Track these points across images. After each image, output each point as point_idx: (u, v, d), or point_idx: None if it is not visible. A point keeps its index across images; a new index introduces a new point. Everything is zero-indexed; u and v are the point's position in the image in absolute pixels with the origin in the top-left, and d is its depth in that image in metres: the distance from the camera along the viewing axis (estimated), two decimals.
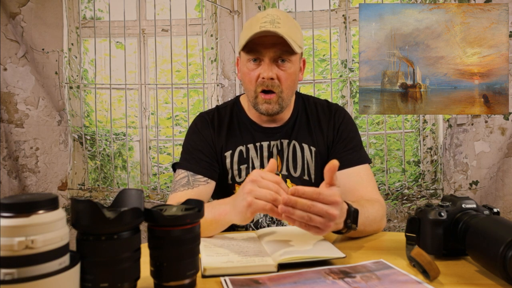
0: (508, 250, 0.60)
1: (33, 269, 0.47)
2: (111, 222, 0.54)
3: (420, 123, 2.28)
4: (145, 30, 2.39)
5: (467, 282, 0.67)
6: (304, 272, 0.70)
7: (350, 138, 1.17)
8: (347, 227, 0.82)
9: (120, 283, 0.55)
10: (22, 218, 0.47)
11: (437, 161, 2.25)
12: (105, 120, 2.39)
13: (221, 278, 0.68)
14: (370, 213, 0.93)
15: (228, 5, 2.34)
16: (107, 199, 2.36)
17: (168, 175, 2.38)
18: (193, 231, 0.62)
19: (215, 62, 2.36)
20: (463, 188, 2.22)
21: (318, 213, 0.73)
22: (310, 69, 2.31)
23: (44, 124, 2.35)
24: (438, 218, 0.75)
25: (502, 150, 2.18)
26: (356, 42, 2.25)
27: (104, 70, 2.39)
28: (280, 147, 1.17)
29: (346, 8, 2.30)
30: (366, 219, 0.91)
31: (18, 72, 2.32)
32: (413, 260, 0.71)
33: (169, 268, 0.60)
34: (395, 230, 2.25)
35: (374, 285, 0.64)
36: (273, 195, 0.76)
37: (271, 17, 1.03)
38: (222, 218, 0.89)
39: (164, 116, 2.40)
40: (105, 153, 2.38)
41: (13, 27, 2.30)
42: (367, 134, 2.29)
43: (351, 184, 1.10)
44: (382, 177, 2.27)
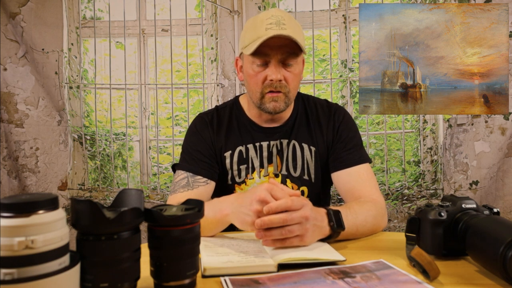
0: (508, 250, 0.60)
1: (33, 269, 0.47)
2: (111, 222, 0.54)
3: (420, 123, 2.28)
4: (145, 30, 2.39)
5: (467, 282, 0.67)
6: (304, 272, 0.70)
7: (350, 137, 1.17)
8: (333, 230, 0.84)
9: (120, 283, 0.55)
10: (22, 218, 0.47)
11: (437, 161, 2.25)
12: (105, 120, 2.39)
13: (221, 278, 0.68)
14: (358, 213, 0.93)
15: (228, 5, 2.34)
16: (107, 199, 2.36)
17: (168, 175, 2.38)
18: (193, 231, 0.62)
19: (215, 62, 2.36)
20: (463, 188, 2.22)
21: (295, 222, 0.77)
22: (310, 69, 2.31)
23: (44, 124, 2.35)
24: (438, 218, 0.75)
25: (502, 150, 2.18)
26: (356, 42, 2.25)
27: (104, 70, 2.39)
28: (280, 147, 1.17)
29: (346, 8, 2.30)
30: (355, 219, 0.91)
31: (18, 72, 2.32)
32: (413, 260, 0.71)
33: (169, 268, 0.60)
34: (395, 230, 2.25)
35: (374, 285, 0.64)
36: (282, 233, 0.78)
37: (276, 18, 1.02)
38: (222, 219, 0.89)
39: (164, 116, 2.40)
40: (105, 153, 2.38)
41: (13, 27, 2.31)
42: (367, 134, 2.29)
43: (351, 183, 1.10)
44: (382, 177, 2.27)
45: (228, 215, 0.87)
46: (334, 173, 1.15)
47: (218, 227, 0.93)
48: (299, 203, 0.78)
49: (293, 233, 0.77)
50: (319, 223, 0.82)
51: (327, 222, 0.83)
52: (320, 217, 0.82)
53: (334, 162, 1.15)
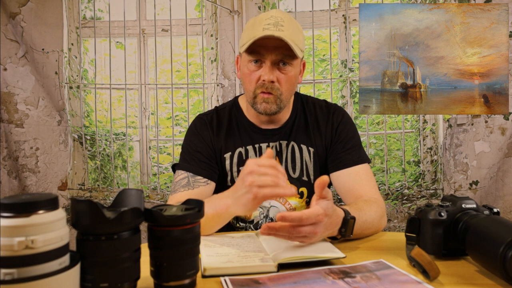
0: (508, 250, 0.60)
1: (33, 269, 0.47)
2: (111, 222, 0.54)
3: (420, 123, 2.28)
4: (145, 30, 2.39)
5: (467, 282, 0.67)
6: (304, 272, 0.70)
7: (349, 138, 1.17)
8: (342, 235, 0.84)
9: (120, 283, 0.55)
10: (22, 218, 0.47)
11: (437, 161, 2.25)
12: (105, 120, 2.39)
13: (221, 278, 0.68)
14: (368, 216, 0.93)
15: (228, 5, 2.34)
16: (107, 199, 2.36)
17: (168, 175, 2.38)
18: (193, 231, 0.62)
19: (215, 62, 2.36)
20: (463, 188, 2.22)
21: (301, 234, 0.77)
22: (310, 69, 2.31)
23: (44, 124, 2.35)
24: (438, 218, 0.75)
25: (502, 150, 2.18)
26: (356, 42, 2.25)
27: (104, 70, 2.39)
28: (279, 148, 1.17)
29: (346, 8, 2.30)
30: (363, 224, 0.91)
31: (18, 72, 2.32)
32: (413, 260, 0.71)
33: (169, 268, 0.60)
34: (395, 230, 2.25)
35: (374, 285, 0.64)
36: (274, 180, 0.79)
37: (275, 19, 1.02)
38: (224, 212, 0.89)
39: (164, 116, 2.40)
40: (105, 153, 2.38)
41: (13, 27, 2.30)
42: (367, 134, 2.29)
43: (350, 183, 1.10)
44: (382, 177, 2.27)
45: (230, 207, 0.87)
46: (333, 173, 1.15)
47: (220, 222, 0.93)
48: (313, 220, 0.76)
49: (300, 233, 0.77)
50: (331, 227, 0.81)
51: (339, 227, 0.83)
52: (335, 222, 0.82)
53: (333, 162, 1.15)
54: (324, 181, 0.77)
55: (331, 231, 0.82)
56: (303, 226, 0.76)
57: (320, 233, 0.78)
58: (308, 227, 0.76)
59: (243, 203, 0.83)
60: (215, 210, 0.89)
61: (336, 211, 0.82)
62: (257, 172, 0.80)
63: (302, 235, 0.77)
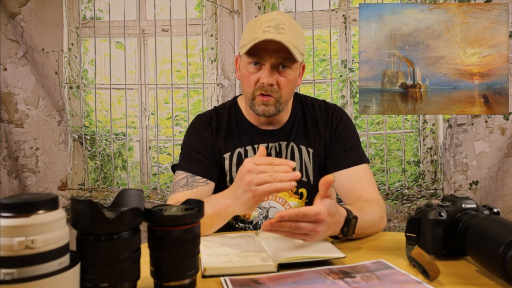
0: (508, 250, 0.60)
1: (33, 269, 0.47)
2: (111, 222, 0.54)
3: (420, 123, 2.28)
4: (145, 30, 2.39)
5: (467, 282, 0.67)
6: (304, 272, 0.70)
7: (348, 138, 1.17)
8: (344, 234, 0.84)
9: (120, 283, 0.55)
10: (22, 218, 0.47)
11: (437, 161, 2.25)
12: (105, 120, 2.39)
13: (221, 278, 0.68)
14: (369, 215, 0.93)
15: (228, 5, 2.34)
16: (107, 199, 2.36)
17: (168, 175, 2.38)
18: (193, 231, 0.62)
19: (215, 62, 2.36)
20: (463, 188, 2.22)
21: (302, 231, 0.77)
22: (310, 69, 2.31)
23: (44, 124, 2.35)
24: (438, 218, 0.75)
25: (502, 150, 2.18)
26: (356, 42, 2.25)
27: (104, 70, 2.39)
28: (279, 149, 1.17)
29: (346, 8, 2.30)
30: (365, 223, 0.91)
31: (18, 72, 2.32)
32: (413, 260, 0.71)
33: (169, 268, 0.60)
34: (395, 230, 2.25)
35: (374, 285, 0.64)
36: (272, 175, 0.79)
37: (276, 21, 1.02)
38: (223, 212, 0.90)
39: (164, 116, 2.40)
40: (105, 153, 2.38)
41: (13, 27, 2.30)
42: (367, 134, 2.29)
43: (350, 184, 1.10)
44: (382, 177, 2.27)
45: (229, 206, 0.88)
46: (332, 173, 1.14)
47: (220, 222, 0.93)
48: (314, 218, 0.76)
49: (302, 230, 0.77)
50: (334, 226, 0.82)
51: (341, 227, 0.83)
52: (338, 222, 0.82)
53: (332, 162, 1.15)
54: (329, 180, 0.77)
55: (333, 230, 0.82)
56: (304, 223, 0.76)
57: (322, 232, 0.78)
58: (309, 224, 0.76)
59: (242, 202, 0.83)
60: (215, 210, 0.89)
61: (339, 211, 0.82)
62: (254, 170, 0.80)
63: (303, 232, 0.77)
